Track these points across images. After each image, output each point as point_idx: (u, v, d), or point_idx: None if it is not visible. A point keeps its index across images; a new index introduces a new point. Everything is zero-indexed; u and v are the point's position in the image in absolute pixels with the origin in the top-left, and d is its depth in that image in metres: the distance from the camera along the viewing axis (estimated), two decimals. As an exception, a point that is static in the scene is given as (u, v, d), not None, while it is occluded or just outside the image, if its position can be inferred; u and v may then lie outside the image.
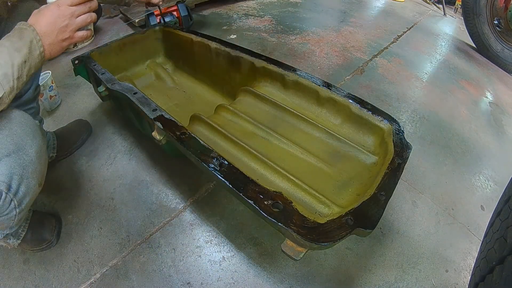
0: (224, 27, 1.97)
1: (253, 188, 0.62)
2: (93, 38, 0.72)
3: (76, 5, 0.63)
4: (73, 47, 0.68)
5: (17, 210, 0.58)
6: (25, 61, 0.57)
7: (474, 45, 2.18)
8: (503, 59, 2.02)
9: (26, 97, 0.85)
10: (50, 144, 1.01)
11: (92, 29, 0.70)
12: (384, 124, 0.83)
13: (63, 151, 1.05)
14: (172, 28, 1.29)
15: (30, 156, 0.59)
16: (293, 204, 0.60)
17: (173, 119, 0.78)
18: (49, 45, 0.61)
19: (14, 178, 0.55)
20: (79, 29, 0.66)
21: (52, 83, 1.25)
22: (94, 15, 0.68)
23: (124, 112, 1.07)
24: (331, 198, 0.71)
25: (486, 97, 1.66)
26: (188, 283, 0.76)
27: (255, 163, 0.79)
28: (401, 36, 2.11)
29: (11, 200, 0.56)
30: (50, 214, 0.89)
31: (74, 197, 0.95)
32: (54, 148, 1.02)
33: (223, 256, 0.82)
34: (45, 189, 0.96)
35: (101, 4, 1.89)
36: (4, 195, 0.54)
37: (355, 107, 0.87)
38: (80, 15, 0.64)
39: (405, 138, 0.78)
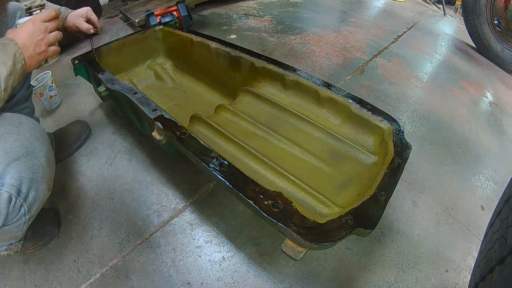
0: (224, 27, 1.97)
1: (253, 188, 0.62)
2: (59, 56, 0.77)
3: (48, 21, 0.69)
4: (45, 63, 0.73)
5: (27, 217, 0.57)
6: (10, 74, 0.59)
7: (474, 45, 2.18)
8: (503, 59, 2.02)
9: (18, 96, 0.85)
10: None
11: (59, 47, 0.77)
12: (384, 124, 0.83)
13: (62, 152, 1.05)
14: (172, 28, 1.29)
15: (40, 160, 0.59)
16: (293, 204, 0.60)
17: (173, 119, 0.78)
18: (28, 58, 0.64)
19: (24, 182, 0.55)
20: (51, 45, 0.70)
21: (52, 83, 1.25)
22: (61, 33, 0.73)
23: (124, 112, 1.07)
24: (331, 198, 0.71)
25: (486, 97, 1.66)
26: (188, 283, 0.76)
27: (255, 163, 0.79)
28: (401, 36, 2.11)
29: (21, 205, 0.55)
30: (47, 207, 0.89)
31: (74, 197, 0.95)
32: (53, 149, 1.02)
33: (223, 256, 0.82)
34: (45, 189, 0.96)
35: (101, 5, 1.90)
36: (14, 199, 0.53)
37: (355, 107, 0.87)
38: (52, 31, 0.70)
39: (405, 138, 0.78)
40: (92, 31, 0.98)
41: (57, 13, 0.72)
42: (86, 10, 0.96)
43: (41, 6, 0.75)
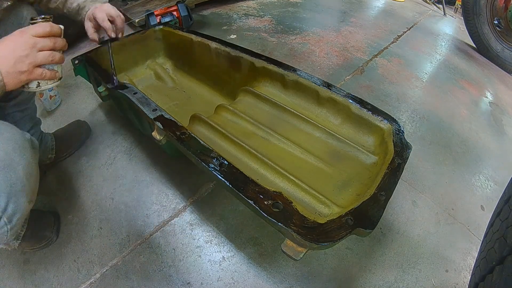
0: (224, 27, 1.97)
1: (253, 188, 0.62)
2: (60, 80, 0.65)
3: (39, 36, 0.57)
4: (36, 87, 0.61)
5: (8, 227, 0.56)
6: None
7: (474, 45, 2.18)
8: (503, 59, 2.02)
9: (21, 97, 0.85)
10: (48, 145, 1.00)
11: (60, 71, 0.64)
12: (384, 124, 0.83)
13: (62, 152, 1.05)
14: (172, 28, 1.29)
15: (18, 174, 0.56)
16: (293, 204, 0.60)
17: (173, 119, 0.78)
18: (5, 73, 0.54)
19: (2, 196, 0.53)
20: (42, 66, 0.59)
21: (52, 83, 1.25)
22: (59, 55, 0.61)
23: (124, 112, 1.07)
24: (331, 198, 0.71)
25: (486, 97, 1.66)
26: (188, 283, 0.76)
27: (255, 163, 0.79)
28: (401, 36, 2.11)
29: (0, 217, 0.54)
30: (48, 211, 0.89)
31: (74, 197, 0.95)
32: (53, 150, 1.01)
33: (223, 256, 0.82)
34: (45, 189, 0.96)
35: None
36: None
37: (355, 107, 0.87)
38: (43, 50, 0.58)
39: (405, 138, 0.78)
40: (112, 34, 0.89)
41: (57, 30, 0.61)
42: (114, 9, 0.88)
43: (47, 19, 0.61)
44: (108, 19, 0.88)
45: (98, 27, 0.89)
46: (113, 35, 0.92)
